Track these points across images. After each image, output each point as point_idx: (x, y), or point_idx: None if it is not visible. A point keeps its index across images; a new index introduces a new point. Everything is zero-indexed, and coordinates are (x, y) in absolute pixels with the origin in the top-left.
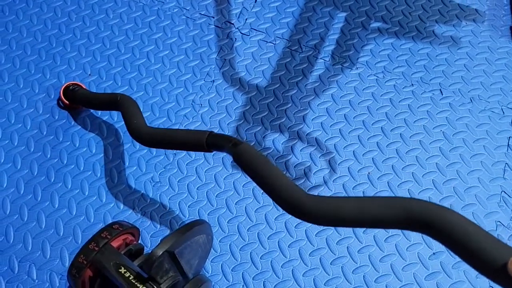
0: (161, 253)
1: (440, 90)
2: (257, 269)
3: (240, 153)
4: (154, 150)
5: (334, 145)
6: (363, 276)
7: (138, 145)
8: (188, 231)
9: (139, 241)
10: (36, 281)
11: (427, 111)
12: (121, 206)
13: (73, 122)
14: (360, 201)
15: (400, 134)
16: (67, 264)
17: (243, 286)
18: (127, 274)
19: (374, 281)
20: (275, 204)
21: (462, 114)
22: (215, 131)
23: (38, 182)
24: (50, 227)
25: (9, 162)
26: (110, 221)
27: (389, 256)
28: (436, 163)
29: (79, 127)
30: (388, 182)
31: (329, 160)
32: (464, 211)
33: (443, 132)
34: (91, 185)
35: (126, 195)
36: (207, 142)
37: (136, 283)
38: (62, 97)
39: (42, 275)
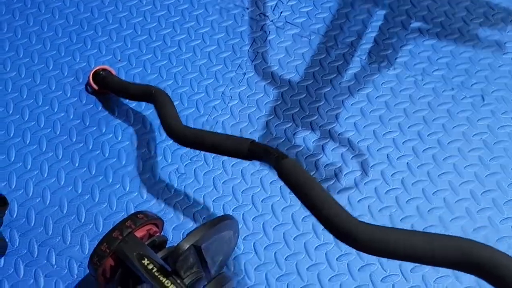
0: (187, 246)
1: (482, 96)
2: (281, 270)
3: (286, 168)
4: None
5: (367, 146)
6: (392, 285)
7: (164, 134)
8: (215, 226)
9: (162, 233)
10: (55, 266)
11: (467, 117)
12: (145, 195)
13: (100, 108)
14: (414, 236)
15: (438, 140)
16: (87, 252)
17: (266, 287)
18: (150, 266)
19: None
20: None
21: (505, 122)
22: (244, 125)
23: (62, 166)
24: (71, 213)
25: (34, 143)
26: (132, 210)
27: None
28: (474, 172)
29: (106, 112)
30: (423, 189)
31: (361, 162)
32: (503, 225)
33: (483, 140)
34: (115, 172)
35: (150, 185)
36: (248, 150)
37: (159, 276)
38: (91, 82)
39: (61, 261)
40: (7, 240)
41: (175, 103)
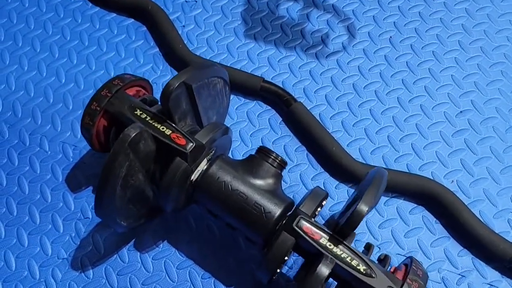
0: (178, 83)
1: None
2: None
3: (293, 112)
4: None
5: (353, 10)
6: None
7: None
8: (204, 67)
9: None
10: (49, 152)
11: None
12: None
13: None
14: (397, 175)
15: None
16: (79, 136)
17: None
18: (143, 116)
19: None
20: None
21: None
22: (225, 2)
23: (42, 58)
24: (58, 102)
25: (9, 40)
26: None
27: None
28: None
29: (81, 3)
30: (411, 45)
31: (347, 26)
32: None
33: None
34: (97, 59)
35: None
36: (261, 88)
37: (153, 123)
38: None
39: (55, 146)
40: None
41: None
